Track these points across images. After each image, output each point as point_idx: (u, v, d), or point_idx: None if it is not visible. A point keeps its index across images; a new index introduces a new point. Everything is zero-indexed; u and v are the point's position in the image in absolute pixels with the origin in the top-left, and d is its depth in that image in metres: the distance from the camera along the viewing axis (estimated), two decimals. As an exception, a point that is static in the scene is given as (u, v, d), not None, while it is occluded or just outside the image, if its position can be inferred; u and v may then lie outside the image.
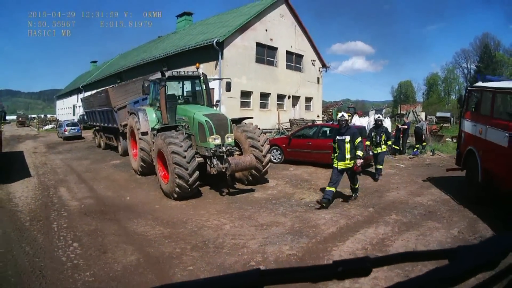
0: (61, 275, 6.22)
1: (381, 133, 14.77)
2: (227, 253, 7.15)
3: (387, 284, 5.61)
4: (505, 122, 10.00)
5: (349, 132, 10.41)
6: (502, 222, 9.23)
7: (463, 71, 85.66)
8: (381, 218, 9.56)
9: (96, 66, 70.41)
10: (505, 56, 75.86)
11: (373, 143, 14.83)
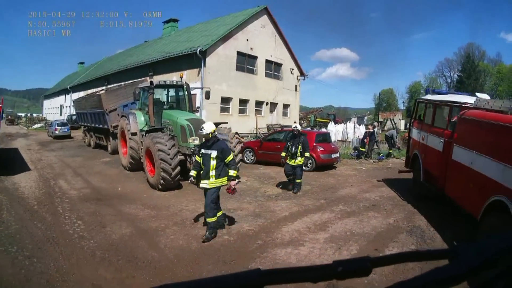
0: (71, 243, 8.02)
1: (298, 144, 13.40)
2: (200, 228, 9.10)
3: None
4: (441, 130, 11.51)
5: (217, 147, 8.77)
6: (437, 215, 10.71)
7: (446, 80, 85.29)
8: (328, 208, 11.43)
9: (83, 67, 70.61)
10: (489, 66, 75.56)
11: (288, 154, 13.49)
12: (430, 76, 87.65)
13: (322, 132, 21.95)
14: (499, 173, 7.51)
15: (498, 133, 8.01)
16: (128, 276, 6.55)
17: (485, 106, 9.93)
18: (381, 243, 8.68)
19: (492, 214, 7.51)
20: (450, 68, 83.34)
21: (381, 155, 23.52)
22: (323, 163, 18.45)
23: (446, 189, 10.66)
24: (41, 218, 9.79)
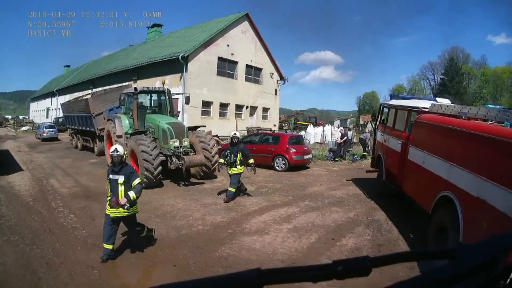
0: (65, 232, 9.12)
1: (237, 152, 12.75)
2: (178, 219, 10.33)
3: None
4: (400, 132, 12.37)
5: (125, 172, 7.97)
6: (397, 211, 11.59)
7: (429, 83, 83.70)
8: (295, 203, 12.61)
9: (69, 70, 70.26)
10: (473, 68, 74.43)
11: (227, 162, 12.80)
12: (413, 79, 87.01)
13: (295, 134, 22.87)
14: (446, 171, 8.24)
15: (444, 134, 8.89)
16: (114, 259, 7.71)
17: (438, 111, 10.72)
18: (339, 233, 9.69)
19: (441, 208, 8.20)
20: (433, 71, 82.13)
21: (355, 157, 24.44)
22: (296, 163, 19.35)
23: (404, 186, 11.42)
24: (37, 212, 10.81)
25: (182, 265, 7.54)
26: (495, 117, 8.55)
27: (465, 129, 7.96)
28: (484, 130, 7.37)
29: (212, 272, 7.22)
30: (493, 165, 6.74)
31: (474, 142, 7.49)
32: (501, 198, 6.17)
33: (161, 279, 7.27)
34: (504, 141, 6.37)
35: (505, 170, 6.29)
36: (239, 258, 7.97)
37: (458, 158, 7.87)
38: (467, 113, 9.36)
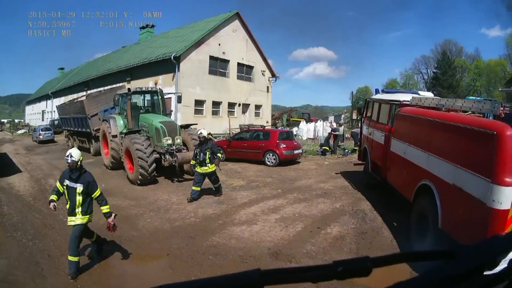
0: (65, 228, 9.46)
1: (206, 150, 12.52)
2: (172, 213, 10.87)
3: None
4: (383, 125, 12.68)
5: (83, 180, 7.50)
6: (382, 201, 11.81)
7: (423, 77, 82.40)
8: (283, 195, 13.07)
9: (63, 72, 70.02)
10: (466, 62, 73.49)
11: (197, 161, 12.58)
12: (406, 73, 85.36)
13: (285, 130, 23.44)
14: (425, 161, 8.57)
15: (422, 126, 9.29)
16: (113, 250, 8.26)
17: (418, 103, 11.00)
18: (324, 223, 10.14)
19: (421, 196, 8.51)
20: (426, 65, 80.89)
21: (346, 151, 24.69)
22: (286, 158, 19.75)
23: (387, 177, 11.72)
24: (37, 210, 11.31)
25: (175, 254, 8.03)
26: (469, 108, 8.69)
27: (440, 120, 8.38)
28: (456, 120, 7.76)
29: (203, 259, 7.72)
30: (466, 153, 7.08)
31: (448, 132, 7.88)
32: (474, 185, 6.50)
33: (155, 266, 7.96)
34: (474, 130, 6.76)
35: (477, 158, 6.67)
36: (228, 246, 8.45)
37: (435, 148, 8.25)
38: (444, 105, 9.63)
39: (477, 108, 8.47)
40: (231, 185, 14.77)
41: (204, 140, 12.68)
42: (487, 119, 7.91)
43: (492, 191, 6.04)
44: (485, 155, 6.41)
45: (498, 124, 6.61)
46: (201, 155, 12.39)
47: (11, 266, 7.43)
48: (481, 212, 6.20)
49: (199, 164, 12.46)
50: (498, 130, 6.24)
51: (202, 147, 12.55)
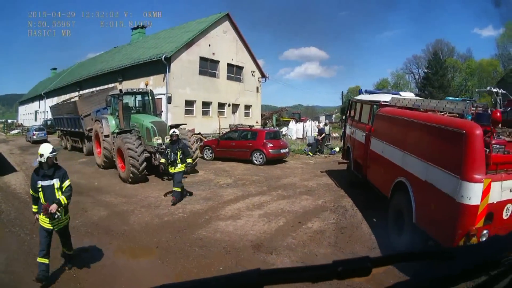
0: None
1: (177, 150, 12.43)
2: (161, 209, 11.45)
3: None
4: (364, 125, 13.06)
5: (59, 174, 7.11)
6: (363, 198, 12.21)
7: (414, 77, 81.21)
8: (268, 193, 13.62)
9: (56, 73, 69.80)
10: (458, 62, 72.59)
11: (168, 161, 12.52)
12: (397, 73, 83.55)
13: (272, 130, 24.03)
14: (400, 159, 8.94)
15: (398, 125, 9.71)
16: (106, 242, 8.80)
17: (396, 104, 11.38)
18: (306, 218, 10.66)
19: (397, 193, 8.87)
20: (418, 65, 79.31)
21: (333, 150, 25.22)
22: (273, 157, 20.27)
23: (368, 175, 12.16)
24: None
25: (164, 246, 8.57)
26: (443, 109, 9.23)
27: (414, 120, 8.82)
28: (429, 120, 8.20)
29: (189, 251, 8.26)
30: (437, 151, 7.45)
31: (421, 131, 8.30)
32: (445, 181, 6.84)
33: (145, 258, 8.43)
34: (445, 129, 7.17)
35: (447, 155, 7.02)
36: (213, 239, 9.00)
37: (410, 146, 8.64)
38: (420, 105, 10.14)
39: (449, 108, 8.99)
40: (219, 183, 15.27)
41: (176, 140, 12.67)
42: (457, 119, 8.26)
43: (460, 187, 6.34)
44: (455, 153, 6.73)
45: (467, 124, 7.00)
46: (172, 155, 12.38)
47: (11, 258, 7.93)
48: (451, 207, 6.52)
49: (171, 164, 12.46)
50: (467, 129, 6.55)
51: (173, 146, 12.53)
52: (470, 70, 69.42)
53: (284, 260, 7.92)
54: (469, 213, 6.27)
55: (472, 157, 6.38)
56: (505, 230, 6.37)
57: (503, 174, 6.52)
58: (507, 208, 6.58)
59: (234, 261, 7.80)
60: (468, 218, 6.28)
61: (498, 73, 60.78)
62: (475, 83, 67.01)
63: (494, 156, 6.55)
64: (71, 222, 10.10)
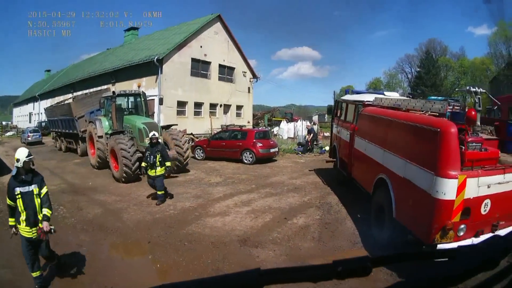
0: (57, 221, 10.45)
1: (156, 153, 12.31)
2: (153, 207, 11.90)
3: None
4: (349, 124, 13.42)
5: (38, 179, 6.83)
6: (348, 195, 12.53)
7: (407, 76, 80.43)
8: (257, 190, 14.06)
9: (50, 74, 69.87)
10: (451, 60, 71.91)
11: (148, 164, 12.36)
12: (390, 72, 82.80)
13: (262, 130, 24.36)
14: (381, 156, 9.26)
15: (379, 124, 10.04)
16: (100, 238, 9.28)
17: (379, 104, 11.65)
18: (291, 214, 11.07)
19: (379, 189, 9.16)
20: (410, 64, 79.11)
21: (323, 149, 25.38)
22: (262, 156, 20.68)
23: (352, 173, 12.53)
24: (30, 207, 12.21)
25: (155, 241, 9.01)
26: (421, 108, 9.44)
27: (393, 119, 9.13)
28: (407, 119, 8.48)
29: (179, 245, 8.70)
30: (414, 148, 7.72)
31: (400, 129, 8.60)
32: (421, 177, 7.09)
33: (138, 252, 8.94)
34: (422, 127, 7.48)
35: (423, 153, 7.28)
36: (202, 234, 9.44)
37: (389, 144, 8.94)
38: (400, 105, 10.38)
39: (427, 107, 9.22)
40: (209, 182, 15.69)
41: (155, 142, 12.57)
42: (433, 117, 8.46)
43: (435, 183, 6.57)
44: (430, 150, 6.97)
45: (443, 122, 7.26)
46: (151, 157, 12.25)
47: (11, 254, 8.35)
48: (427, 202, 6.77)
49: (150, 167, 12.31)
50: (441, 127, 6.81)
51: (152, 149, 12.41)
52: (463, 69, 69.20)
53: (268, 254, 8.30)
54: (444, 208, 6.48)
55: (446, 154, 6.64)
56: (484, 225, 6.86)
57: (479, 170, 6.71)
58: (485, 204, 6.78)
59: (221, 254, 8.18)
60: (443, 212, 6.49)
61: (491, 72, 60.43)
62: (468, 81, 66.09)
63: (469, 153, 6.81)
64: (68, 220, 10.72)
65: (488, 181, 6.72)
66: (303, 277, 1.00)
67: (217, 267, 7.53)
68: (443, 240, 6.53)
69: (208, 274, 7.08)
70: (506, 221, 7.04)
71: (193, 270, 7.35)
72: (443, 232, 6.47)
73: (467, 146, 6.92)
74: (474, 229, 6.78)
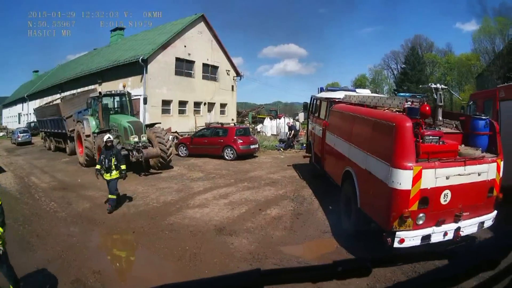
0: (49, 215, 11.32)
1: (111, 156, 11.76)
2: (138, 200, 12.73)
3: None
4: (321, 120, 13.89)
5: None
6: (322, 189, 13.04)
7: (392, 72, 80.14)
8: (235, 184, 14.82)
9: (38, 75, 69.52)
10: (437, 56, 72.10)
11: (103, 167, 11.73)
12: (375, 69, 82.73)
13: (242, 127, 24.91)
14: (347, 150, 9.72)
15: (346, 120, 10.53)
16: (89, 230, 10.08)
17: (348, 101, 12.22)
18: (266, 206, 11.79)
19: (346, 181, 9.56)
20: (396, 60, 78.83)
21: (304, 145, 25.42)
22: (243, 153, 21.36)
23: (324, 166, 13.00)
24: (24, 202, 12.96)
25: (139, 231, 9.80)
26: (382, 104, 10.18)
27: (357, 115, 9.65)
28: (368, 114, 8.98)
29: (161, 234, 9.48)
30: (374, 142, 8.11)
31: (362, 124, 9.02)
32: (379, 169, 7.44)
33: (123, 241, 9.79)
34: (380, 122, 8.00)
35: (381, 146, 7.65)
36: (182, 224, 10.23)
37: (354, 138, 9.38)
38: (365, 101, 10.98)
39: (387, 104, 9.99)
40: (191, 177, 16.43)
41: (110, 145, 12.05)
42: (391, 113, 8.99)
43: (391, 173, 6.90)
44: (387, 143, 7.31)
45: (398, 117, 7.66)
46: (106, 161, 11.71)
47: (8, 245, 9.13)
48: (385, 192, 7.08)
49: (106, 171, 11.74)
50: (396, 122, 7.19)
51: (107, 153, 11.88)
52: (449, 65, 69.40)
53: (242, 241, 8.99)
54: (400, 197, 6.79)
55: (401, 147, 6.98)
56: (446, 215, 7.16)
57: (436, 162, 6.99)
58: (445, 194, 7.03)
59: (199, 242, 8.90)
60: (400, 201, 6.80)
61: (479, 67, 60.22)
62: (454, 77, 67.40)
63: (425, 146, 7.15)
64: (59, 214, 11.55)
65: (446, 173, 7.00)
66: (304, 277, 1.00)
67: (194, 252, 8.25)
68: (401, 227, 6.87)
69: (186, 259, 7.96)
70: (471, 212, 7.38)
71: (172, 255, 8.15)
72: (401, 220, 6.82)
73: (423, 139, 7.29)
74: (435, 218, 7.07)
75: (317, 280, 0.99)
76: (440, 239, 7.14)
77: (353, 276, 0.99)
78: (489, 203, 7.71)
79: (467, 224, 7.36)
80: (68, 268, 7.66)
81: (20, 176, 18.40)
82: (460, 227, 7.22)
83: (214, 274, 7.08)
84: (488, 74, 44.52)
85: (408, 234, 6.92)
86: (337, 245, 8.57)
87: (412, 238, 6.93)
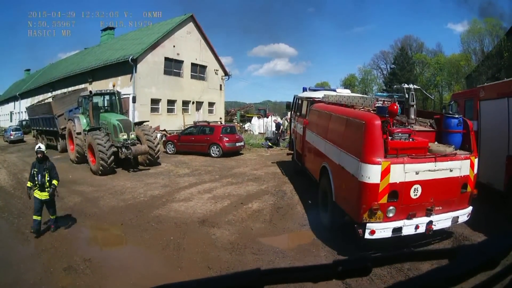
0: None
1: (45, 171, 9.65)
2: (126, 195, 13.24)
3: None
4: (302, 118, 14.23)
5: None
6: (304, 184, 13.37)
7: (382, 72, 79.35)
8: (219, 180, 15.37)
9: (29, 74, 69.13)
10: (427, 57, 71.13)
11: (35, 184, 9.58)
12: (365, 69, 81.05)
13: (228, 125, 25.68)
14: (323, 147, 10.15)
15: (322, 118, 10.94)
16: (80, 222, 10.56)
17: (326, 100, 12.67)
18: (248, 200, 12.34)
19: (323, 176, 9.93)
20: (386, 60, 78.07)
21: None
22: (229, 150, 21.85)
23: (304, 163, 13.42)
24: (18, 197, 13.37)
25: (127, 223, 10.33)
26: (355, 103, 10.70)
27: (332, 113, 10.13)
28: (341, 113, 9.39)
29: (147, 226, 10.03)
30: (346, 139, 8.49)
31: (336, 122, 9.44)
32: (350, 164, 7.78)
33: (112, 233, 10.32)
34: (351, 120, 8.37)
35: (352, 142, 8.00)
36: (167, 217, 10.77)
37: (329, 135, 9.75)
38: (341, 101, 11.50)
39: (360, 103, 10.53)
40: (177, 173, 16.98)
41: (42, 158, 9.87)
42: (362, 111, 9.35)
43: (361, 168, 7.22)
44: (357, 140, 7.65)
45: (368, 115, 8.01)
46: (39, 177, 9.60)
47: (4, 236, 9.63)
48: (355, 185, 7.41)
49: (39, 189, 9.64)
50: (366, 120, 7.56)
51: (40, 166, 9.75)
52: (439, 65, 68.81)
53: (223, 232, 9.50)
54: (369, 190, 7.08)
55: (369, 143, 7.30)
56: (417, 209, 7.44)
57: (405, 158, 7.24)
58: (415, 189, 7.30)
59: (182, 232, 9.43)
60: (369, 194, 7.09)
61: (470, 68, 59.40)
62: (444, 78, 67.42)
63: (393, 142, 7.39)
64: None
65: (416, 168, 7.27)
66: (304, 277, 0.99)
67: (178, 242, 8.80)
68: (371, 219, 7.16)
69: (170, 248, 8.52)
70: (444, 207, 7.64)
71: (157, 245, 8.69)
72: (371, 212, 7.10)
73: (392, 136, 7.55)
74: (405, 211, 7.34)
75: (317, 280, 0.99)
76: (411, 232, 7.43)
77: (353, 276, 1.00)
78: (463, 198, 7.92)
79: (440, 219, 7.61)
80: (61, 257, 8.13)
81: (13, 172, 18.72)
82: (432, 221, 7.49)
83: (195, 262, 7.71)
84: (477, 74, 44.73)
85: (379, 226, 7.21)
86: (314, 237, 8.95)
87: (383, 229, 7.23)
